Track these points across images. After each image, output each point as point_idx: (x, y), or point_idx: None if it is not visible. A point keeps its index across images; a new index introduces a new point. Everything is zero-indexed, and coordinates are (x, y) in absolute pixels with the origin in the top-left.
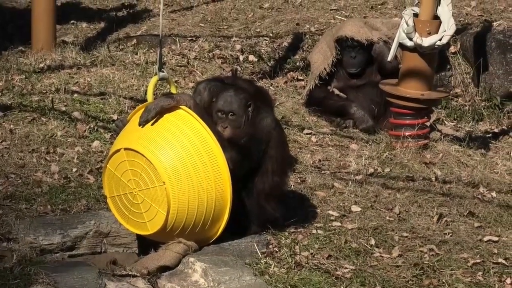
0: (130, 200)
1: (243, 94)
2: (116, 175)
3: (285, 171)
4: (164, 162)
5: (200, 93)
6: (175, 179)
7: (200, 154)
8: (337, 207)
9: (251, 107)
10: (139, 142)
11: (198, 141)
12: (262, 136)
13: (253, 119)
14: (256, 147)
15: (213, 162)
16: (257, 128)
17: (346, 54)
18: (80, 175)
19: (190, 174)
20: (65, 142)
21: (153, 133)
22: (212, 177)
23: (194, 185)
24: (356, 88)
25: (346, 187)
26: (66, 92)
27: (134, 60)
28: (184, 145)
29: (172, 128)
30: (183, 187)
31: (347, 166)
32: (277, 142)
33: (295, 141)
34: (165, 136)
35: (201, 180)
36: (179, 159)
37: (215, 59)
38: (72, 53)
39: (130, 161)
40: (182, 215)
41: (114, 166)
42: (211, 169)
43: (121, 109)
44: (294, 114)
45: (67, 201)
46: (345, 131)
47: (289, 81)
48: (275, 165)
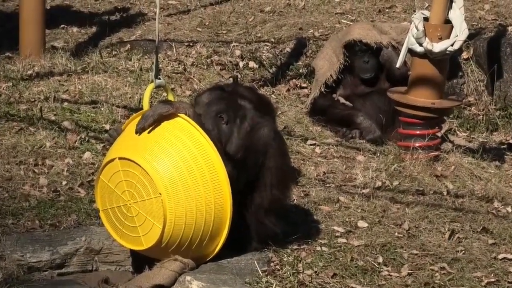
0: (124, 213)
1: (216, 106)
2: (110, 186)
3: (285, 185)
4: (161, 173)
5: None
6: (172, 190)
7: (199, 165)
8: (342, 223)
9: (224, 119)
10: (135, 151)
11: (197, 151)
12: (258, 148)
13: (250, 129)
14: (252, 159)
15: (212, 174)
16: (253, 139)
17: (358, 59)
18: (70, 189)
19: (188, 185)
20: (54, 153)
21: (149, 142)
22: (211, 189)
23: (192, 197)
24: (363, 96)
25: (352, 201)
26: (55, 100)
27: (128, 67)
28: (182, 155)
29: (170, 137)
30: (181, 199)
31: (353, 179)
32: (276, 153)
33: (298, 152)
34: (162, 145)
35: (199, 192)
36: (177, 169)
37: (213, 66)
38: (62, 59)
39: (124, 171)
40: (179, 229)
41: (108, 177)
42: (210, 181)
43: (114, 119)
44: (297, 124)
45: (57, 216)
46: (351, 142)
47: (292, 89)
48: (274, 178)
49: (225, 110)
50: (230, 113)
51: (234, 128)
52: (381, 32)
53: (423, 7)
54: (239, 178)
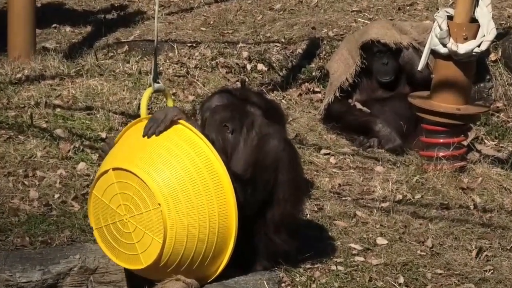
0: (120, 229)
1: (221, 114)
2: (103, 201)
3: (298, 198)
4: (160, 182)
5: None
6: (173, 201)
7: (202, 175)
8: (360, 240)
9: (229, 128)
10: (131, 161)
11: (200, 161)
12: (267, 163)
13: (258, 141)
14: (263, 177)
15: (216, 185)
16: (262, 153)
17: (377, 60)
18: (63, 202)
19: (190, 197)
20: (46, 164)
21: (148, 151)
22: (215, 203)
23: (194, 210)
24: (382, 101)
25: (370, 216)
26: (47, 106)
27: (126, 70)
28: (183, 164)
29: (171, 146)
30: (182, 211)
31: (371, 192)
32: (287, 165)
33: (311, 162)
34: (161, 154)
35: (202, 205)
36: (177, 179)
37: (218, 68)
38: (54, 61)
39: (120, 183)
40: (180, 244)
41: (101, 191)
42: (214, 193)
43: (111, 126)
44: (310, 132)
45: (48, 232)
46: (369, 151)
47: (304, 94)
48: (285, 192)
49: (231, 119)
50: (236, 122)
51: (241, 138)
52: (401, 31)
53: (447, 5)
54: (251, 199)
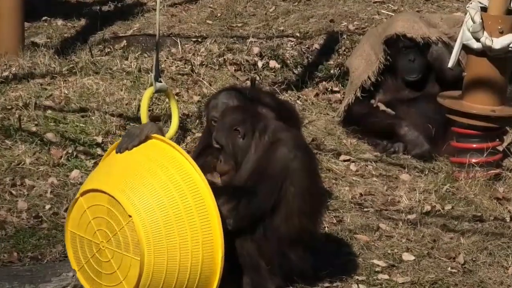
0: (99, 261)
1: (231, 116)
2: (79, 235)
3: (315, 211)
4: (130, 195)
5: (226, 105)
6: (146, 213)
7: (181, 190)
8: (384, 255)
9: (240, 133)
10: (99, 180)
11: (180, 176)
12: (273, 172)
13: (268, 146)
14: (265, 187)
15: (198, 203)
16: (268, 160)
17: (402, 57)
18: (54, 214)
19: (166, 212)
20: (35, 171)
21: (118, 166)
22: (197, 223)
23: (172, 225)
24: (408, 102)
25: (395, 229)
26: (37, 107)
27: (124, 67)
28: (159, 179)
29: (145, 160)
30: (158, 225)
31: (396, 203)
32: (300, 175)
33: (329, 170)
34: (134, 169)
35: (182, 222)
36: (152, 193)
37: (226, 66)
38: (44, 58)
39: (91, 208)
40: (160, 265)
41: (76, 225)
42: (196, 212)
43: (108, 129)
44: (328, 136)
45: (39, 247)
46: (393, 158)
47: (322, 94)
48: (300, 203)
49: (242, 122)
50: (248, 126)
51: (252, 143)
52: (430, 25)
53: None
54: (244, 211)
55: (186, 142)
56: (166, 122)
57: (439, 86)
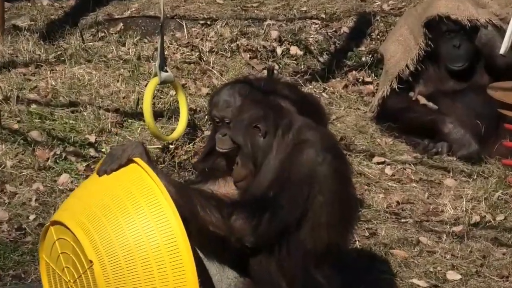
0: None
1: (250, 112)
2: (51, 266)
3: (346, 223)
4: (95, 236)
5: (228, 103)
6: (108, 257)
7: (154, 240)
8: (425, 274)
9: (261, 130)
10: (71, 210)
11: (154, 219)
12: (298, 178)
13: (290, 150)
14: (289, 197)
15: (173, 259)
16: (292, 165)
17: (446, 42)
18: (40, 225)
19: (132, 259)
20: (18, 176)
21: (92, 197)
22: (170, 280)
23: (137, 272)
24: (453, 94)
25: (438, 243)
26: (19, 101)
27: (121, 55)
28: (130, 220)
29: (119, 194)
30: (121, 271)
31: (439, 212)
32: (329, 182)
33: (360, 174)
34: (105, 204)
35: (150, 275)
36: (118, 236)
37: (240, 53)
38: (28, 43)
39: (60, 241)
40: None
41: (48, 253)
42: (169, 267)
43: (102, 127)
44: (359, 134)
45: (22, 264)
46: (436, 160)
47: (351, 85)
48: (330, 215)
49: (264, 118)
50: (270, 122)
51: (274, 143)
52: (478, 4)
53: None
54: (268, 227)
55: (194, 141)
56: (169, 118)
57: (489, 75)
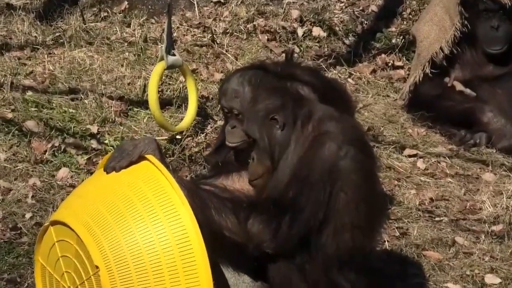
0: None
1: (266, 102)
2: (49, 270)
3: (373, 222)
4: (101, 239)
5: (237, 93)
6: (116, 263)
7: (167, 245)
8: (461, 277)
9: (279, 122)
10: (75, 209)
11: (167, 221)
12: (318, 176)
13: (309, 143)
14: (310, 197)
15: (187, 266)
16: (311, 161)
17: (483, 23)
18: (37, 224)
19: (143, 266)
20: (12, 170)
21: (99, 197)
22: (182, 284)
23: (148, 280)
24: (492, 80)
25: (476, 244)
26: (13, 88)
27: (125, 37)
28: (141, 222)
29: (129, 194)
30: (130, 278)
31: (477, 210)
32: (353, 179)
33: (389, 168)
34: (114, 205)
35: (162, 283)
36: (128, 240)
37: (257, 34)
38: (23, 24)
39: (60, 243)
40: None
41: (45, 256)
42: (182, 275)
43: (105, 116)
44: (389, 124)
45: (17, 266)
46: (473, 152)
47: (380, 70)
48: (355, 214)
49: (281, 108)
50: (288, 113)
51: (292, 135)
52: None
53: None
54: (290, 232)
55: (205, 132)
56: (179, 107)
57: None
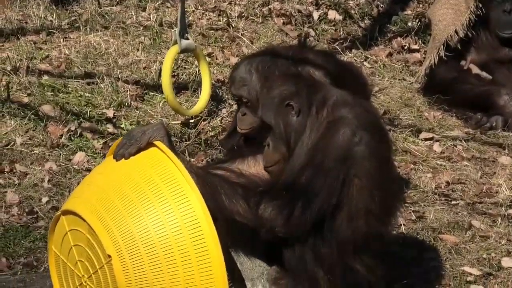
0: None
1: (281, 88)
2: (62, 258)
3: (388, 207)
4: (113, 228)
5: (245, 81)
6: (128, 251)
7: (179, 236)
8: (477, 261)
9: (294, 108)
10: (86, 198)
11: (177, 208)
12: (332, 162)
13: (323, 129)
14: (323, 182)
15: (199, 252)
16: (325, 146)
17: (496, 6)
18: (53, 209)
19: (155, 253)
20: (28, 154)
21: (109, 185)
22: (196, 276)
23: (160, 268)
24: (509, 63)
25: (492, 227)
26: (29, 72)
27: (141, 21)
28: (152, 211)
29: (139, 181)
30: (142, 267)
31: (493, 193)
32: (367, 165)
33: (406, 151)
34: (124, 193)
35: (174, 270)
36: (140, 228)
37: (272, 18)
38: (38, 8)
39: (72, 233)
40: None
41: (59, 245)
42: (195, 262)
43: (120, 101)
44: (405, 107)
45: (34, 250)
46: (490, 135)
47: (396, 53)
48: (369, 200)
49: (296, 95)
50: (303, 99)
51: (308, 121)
52: None
53: None
54: (301, 218)
55: (221, 116)
56: (195, 90)
57: None
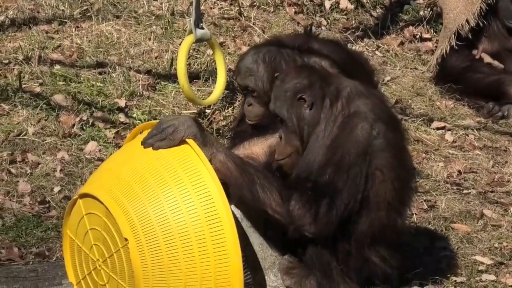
0: (95, 281)
1: (293, 81)
2: (77, 243)
3: (405, 199)
4: (131, 212)
5: (251, 71)
6: (146, 236)
7: (198, 223)
8: (489, 250)
9: (307, 102)
10: (105, 183)
11: (201, 207)
12: (358, 157)
13: (340, 124)
14: (347, 179)
15: (217, 243)
16: (344, 142)
17: None
18: (65, 198)
19: (172, 239)
20: (40, 144)
21: (132, 174)
22: (211, 265)
23: (177, 254)
24: None
25: (504, 216)
26: (41, 62)
27: (153, 10)
28: (174, 203)
29: (164, 175)
30: (159, 251)
31: (505, 182)
32: (387, 157)
33: (418, 141)
34: (147, 182)
35: (191, 258)
36: (158, 214)
37: (284, 7)
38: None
39: (89, 216)
40: None
41: (74, 229)
42: (212, 252)
43: (132, 90)
44: (416, 97)
45: (46, 240)
46: (502, 124)
47: (408, 42)
48: (388, 193)
49: (309, 87)
50: (316, 91)
51: (322, 115)
52: None
53: None
54: (328, 217)
55: (233, 106)
56: (206, 80)
57: None
